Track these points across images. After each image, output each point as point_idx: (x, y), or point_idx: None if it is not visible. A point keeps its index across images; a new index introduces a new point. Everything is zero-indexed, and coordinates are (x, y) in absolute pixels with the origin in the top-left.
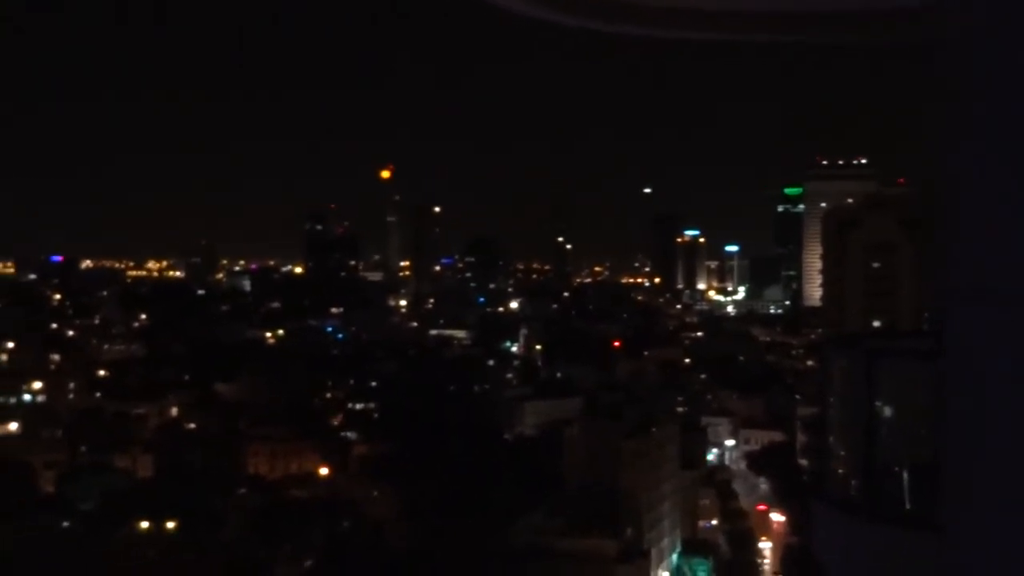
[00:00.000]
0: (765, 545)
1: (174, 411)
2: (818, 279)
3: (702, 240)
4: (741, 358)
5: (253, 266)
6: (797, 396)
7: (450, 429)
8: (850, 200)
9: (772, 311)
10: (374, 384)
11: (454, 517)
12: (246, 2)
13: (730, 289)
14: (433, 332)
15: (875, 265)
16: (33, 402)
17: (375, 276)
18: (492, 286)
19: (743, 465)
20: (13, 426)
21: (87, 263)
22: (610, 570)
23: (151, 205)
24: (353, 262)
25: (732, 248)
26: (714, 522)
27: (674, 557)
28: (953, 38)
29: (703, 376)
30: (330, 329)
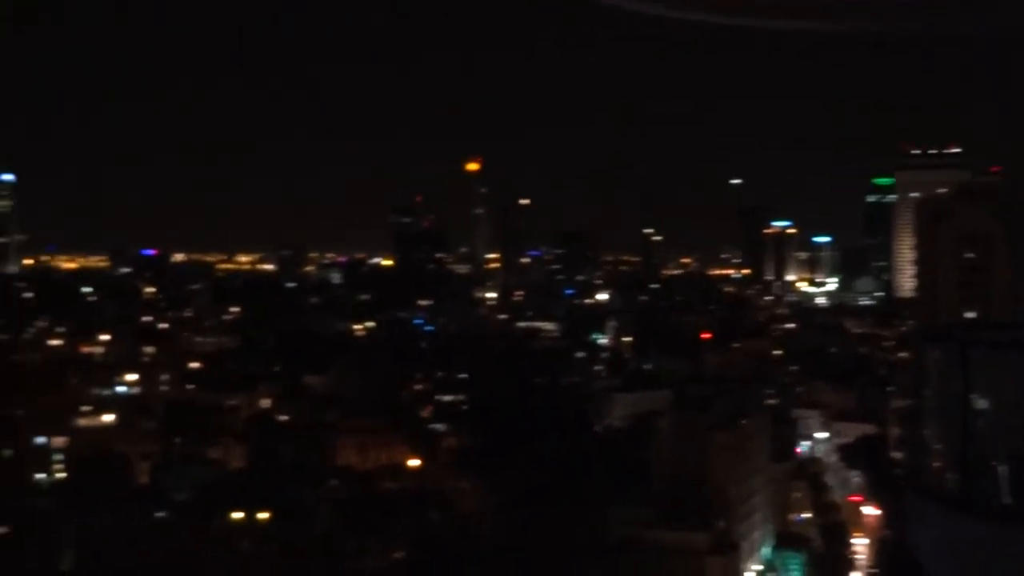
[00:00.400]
0: (859, 539)
1: (265, 403)
2: (910, 270)
3: (792, 231)
4: (832, 350)
5: (342, 259)
6: (890, 388)
7: (539, 421)
8: (942, 190)
9: (863, 302)
10: (463, 376)
11: (543, 509)
12: None
13: (820, 280)
14: (521, 324)
15: (968, 256)
16: (128, 394)
17: (462, 269)
18: (580, 278)
19: (835, 458)
20: (109, 417)
21: (179, 256)
22: (701, 562)
23: (242, 198)
24: (440, 255)
25: (822, 239)
26: (806, 515)
27: (765, 550)
28: None
29: (793, 368)
30: (418, 321)
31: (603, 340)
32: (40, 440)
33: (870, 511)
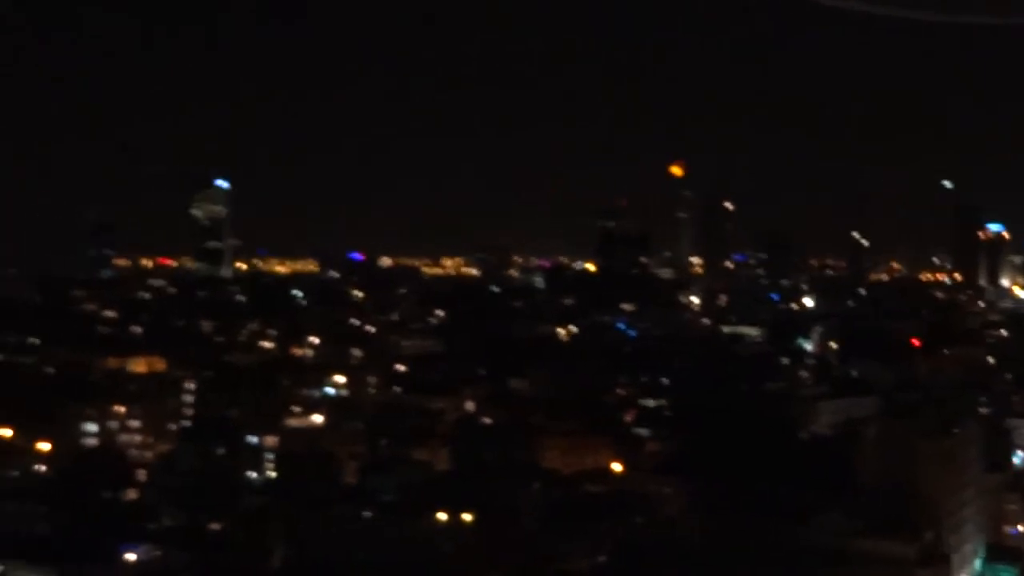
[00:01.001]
0: None
1: (470, 406)
2: None
3: (1006, 235)
4: None
5: (546, 263)
6: None
7: (743, 427)
8: None
9: None
10: (666, 381)
11: (747, 516)
12: None
13: None
14: (725, 329)
15: None
16: (336, 395)
17: (666, 273)
18: (785, 283)
19: None
20: (318, 418)
21: (387, 261)
22: (909, 574)
23: (443, 200)
24: (644, 259)
25: None
26: (1021, 528)
27: (977, 563)
28: None
29: (1008, 376)
30: (621, 326)
31: (808, 346)
32: (253, 439)
33: None
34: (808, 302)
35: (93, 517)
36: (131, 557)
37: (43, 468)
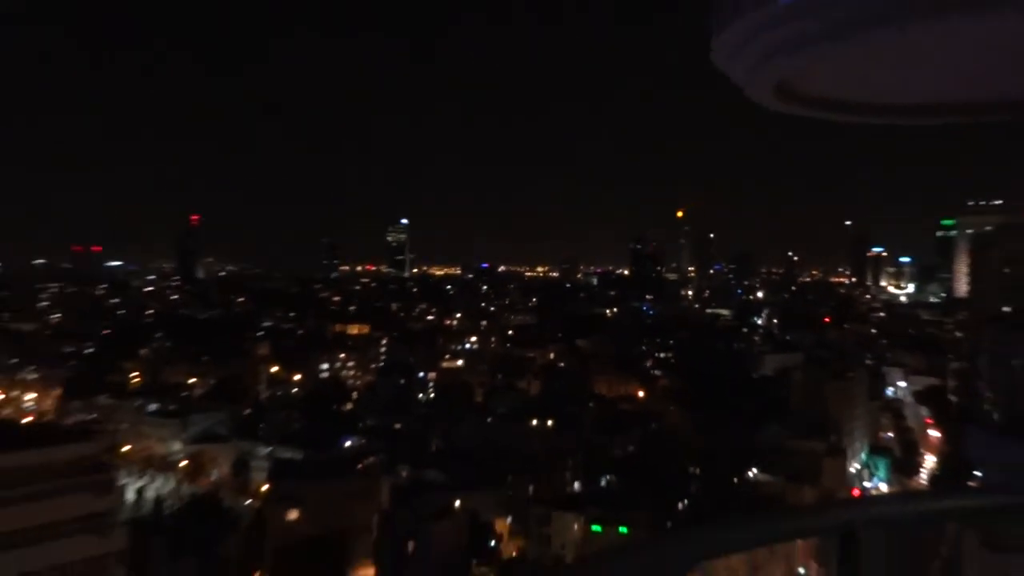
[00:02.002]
0: (926, 452)
1: (552, 355)
2: (965, 279)
3: (884, 253)
4: (910, 330)
5: (599, 270)
6: (949, 355)
7: (719, 370)
8: (988, 227)
9: (932, 300)
10: (671, 342)
11: (721, 426)
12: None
13: (903, 286)
14: (708, 311)
15: (1006, 271)
16: (471, 349)
17: (672, 276)
18: (746, 283)
19: (911, 399)
20: (460, 362)
21: (502, 267)
22: (820, 461)
23: (540, 229)
24: (659, 267)
25: (905, 259)
26: (890, 435)
27: (863, 455)
28: None
29: (884, 341)
30: (644, 308)
31: (760, 321)
32: (421, 375)
33: (934, 434)
34: (760, 295)
35: (325, 419)
36: (347, 443)
37: (296, 390)
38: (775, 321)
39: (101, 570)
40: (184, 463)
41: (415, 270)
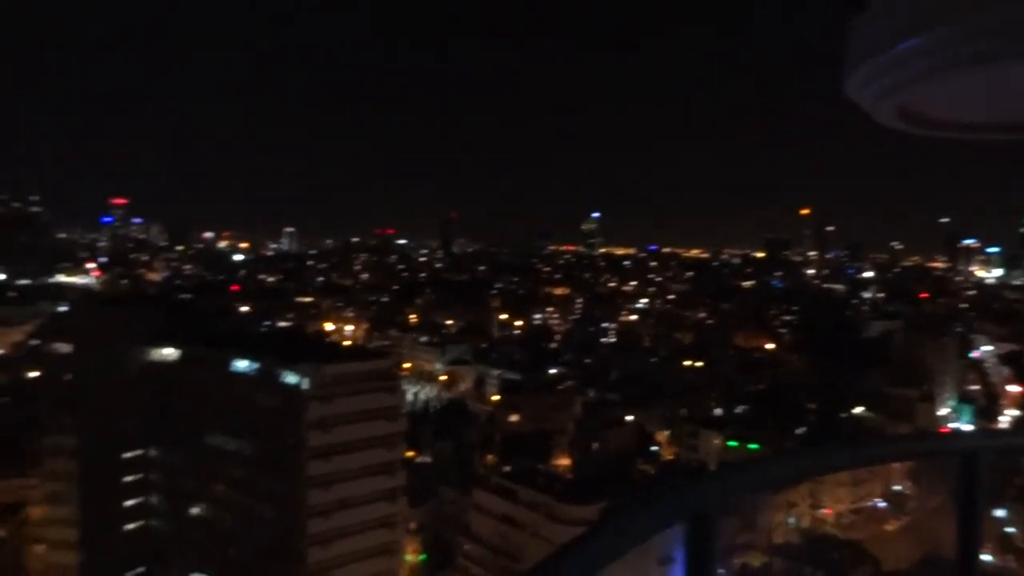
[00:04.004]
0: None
1: (702, 314)
2: None
3: (976, 245)
4: (995, 305)
5: (739, 252)
6: None
7: (833, 331)
8: None
9: (1015, 283)
10: (795, 308)
11: (834, 374)
12: None
13: (991, 271)
14: (825, 285)
15: None
16: (641, 308)
17: (797, 259)
18: (857, 265)
19: (995, 360)
20: (634, 317)
21: (666, 249)
22: (914, 404)
23: (692, 219)
24: (787, 252)
25: (993, 249)
26: (976, 387)
27: (951, 402)
28: None
29: (972, 313)
30: (774, 283)
31: (867, 295)
32: (604, 324)
33: (1014, 388)
34: (868, 274)
35: (537, 353)
36: (552, 371)
37: (518, 332)
38: (880, 295)
39: (392, 444)
40: (443, 378)
41: (602, 250)
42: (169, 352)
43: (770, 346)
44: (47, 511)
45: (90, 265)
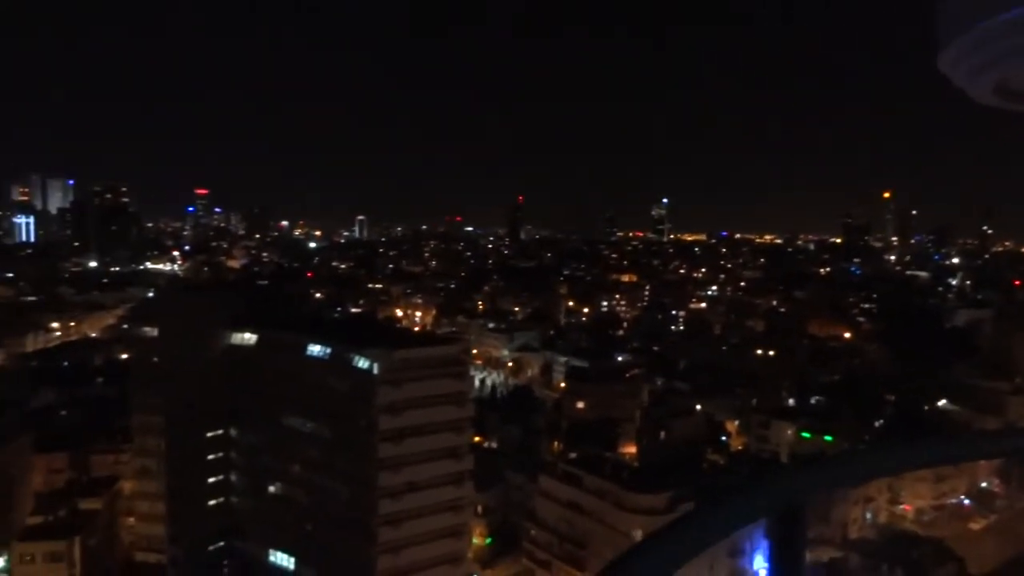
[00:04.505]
0: None
1: (774, 302)
2: None
3: None
4: None
5: (815, 238)
6: None
7: (916, 320)
8: None
9: None
10: (874, 296)
11: (916, 364)
12: None
13: None
14: (908, 272)
15: None
16: (711, 295)
17: (877, 244)
18: (943, 251)
19: None
20: (703, 304)
21: (737, 235)
22: (1005, 398)
23: (767, 206)
24: (866, 237)
25: None
26: None
27: None
28: None
29: None
30: (853, 269)
31: (954, 283)
32: (673, 312)
33: None
34: (955, 260)
35: (604, 340)
36: (619, 358)
37: (584, 319)
38: (968, 283)
39: (460, 429)
40: (510, 364)
41: (671, 236)
42: (248, 336)
43: (847, 335)
44: (138, 485)
45: (175, 253)
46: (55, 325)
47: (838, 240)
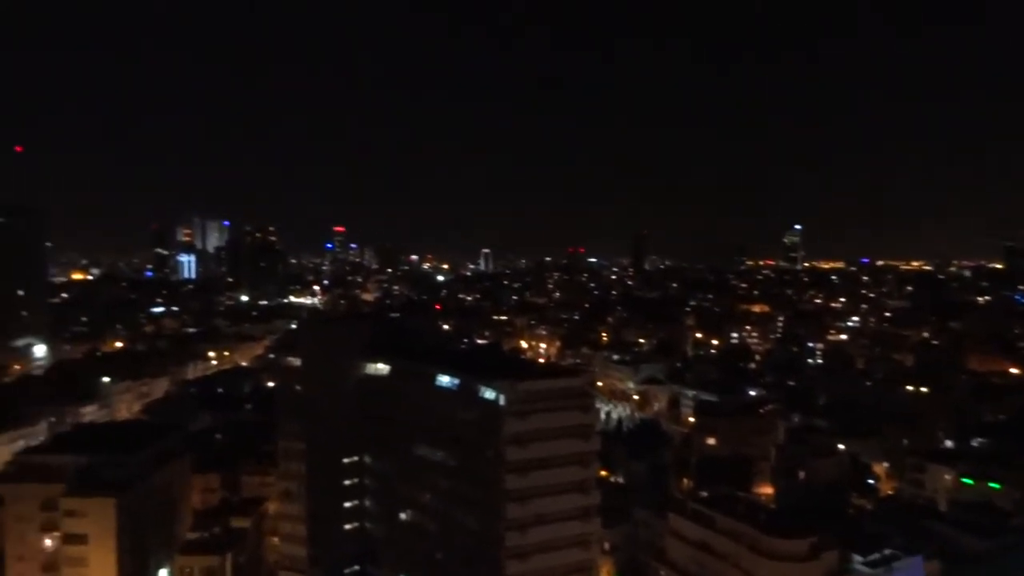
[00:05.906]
0: None
1: (925, 334)
2: None
3: None
4: None
5: (971, 263)
6: None
7: None
8: None
9: None
10: None
11: None
12: None
13: None
14: None
15: None
16: (852, 326)
17: None
18: None
19: None
20: (844, 336)
21: (879, 262)
22: None
23: (921, 233)
24: None
25: None
26: None
27: None
28: None
29: None
30: (1017, 297)
31: None
32: (810, 344)
33: None
34: None
35: (735, 373)
36: (751, 392)
37: (713, 351)
38: None
39: (587, 462)
40: (636, 397)
41: (806, 264)
42: (381, 366)
43: (1014, 370)
44: (281, 507)
45: (315, 287)
46: (212, 354)
47: (999, 265)
